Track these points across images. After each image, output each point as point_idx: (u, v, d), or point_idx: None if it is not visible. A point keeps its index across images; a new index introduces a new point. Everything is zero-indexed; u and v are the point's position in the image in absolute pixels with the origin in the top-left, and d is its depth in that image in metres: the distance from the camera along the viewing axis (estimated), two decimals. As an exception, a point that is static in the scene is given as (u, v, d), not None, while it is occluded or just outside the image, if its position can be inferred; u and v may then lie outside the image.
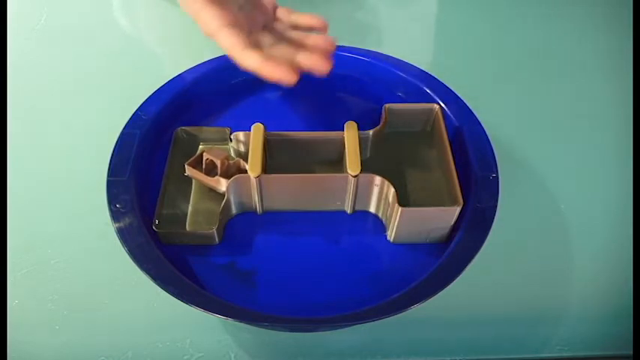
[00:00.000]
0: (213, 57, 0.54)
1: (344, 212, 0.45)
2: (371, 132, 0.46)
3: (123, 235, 0.40)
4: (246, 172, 0.42)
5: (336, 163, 0.46)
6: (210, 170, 0.44)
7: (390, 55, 0.55)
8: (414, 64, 0.54)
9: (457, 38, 0.66)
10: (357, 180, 0.42)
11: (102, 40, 0.64)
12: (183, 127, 0.48)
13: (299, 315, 0.39)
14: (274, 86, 0.54)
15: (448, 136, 0.45)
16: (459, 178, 0.42)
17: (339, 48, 0.55)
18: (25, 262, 0.44)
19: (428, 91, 0.51)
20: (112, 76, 0.60)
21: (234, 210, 0.45)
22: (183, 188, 0.45)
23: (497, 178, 0.44)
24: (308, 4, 0.66)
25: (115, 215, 0.41)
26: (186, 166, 0.44)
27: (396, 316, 0.37)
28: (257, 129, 0.44)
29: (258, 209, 0.45)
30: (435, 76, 0.52)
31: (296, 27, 0.48)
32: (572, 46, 0.65)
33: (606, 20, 0.68)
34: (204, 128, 0.49)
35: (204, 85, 0.53)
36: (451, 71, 0.56)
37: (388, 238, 0.44)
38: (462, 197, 0.40)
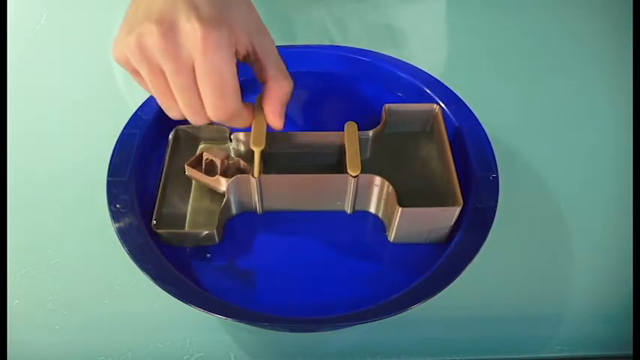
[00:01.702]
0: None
1: (344, 212, 0.45)
2: (371, 132, 0.46)
3: (123, 235, 0.40)
4: (245, 171, 0.42)
5: (336, 163, 0.46)
6: (211, 170, 0.44)
7: (391, 54, 0.55)
8: (414, 64, 0.54)
9: (457, 38, 0.66)
10: (357, 180, 0.42)
11: (102, 40, 0.64)
12: (183, 127, 0.48)
13: (299, 315, 0.39)
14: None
15: (448, 136, 0.45)
16: (459, 178, 0.42)
17: (340, 48, 0.56)
18: (25, 262, 0.44)
19: (428, 91, 0.51)
20: (112, 75, 0.60)
21: (234, 210, 0.45)
22: (183, 188, 0.45)
23: (497, 178, 0.44)
24: (318, 4, 0.66)
25: (115, 215, 0.41)
26: (186, 166, 0.44)
27: (396, 316, 0.37)
28: None
29: (258, 209, 0.45)
30: (435, 76, 0.52)
31: None
32: (572, 46, 0.65)
33: (606, 21, 0.68)
34: (204, 128, 0.49)
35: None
36: (451, 71, 0.56)
37: (388, 238, 0.44)
38: (462, 197, 0.40)
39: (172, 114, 0.38)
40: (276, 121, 0.40)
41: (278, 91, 0.39)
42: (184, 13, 0.34)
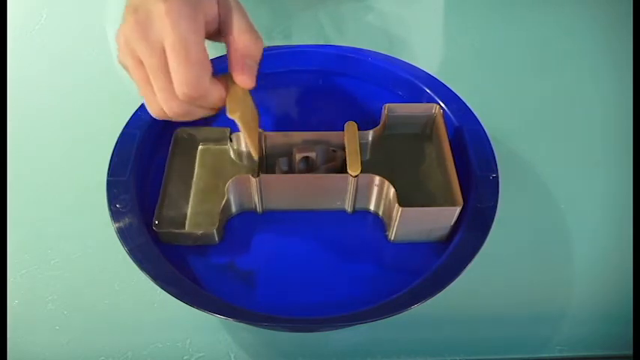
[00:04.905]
0: (213, 57, 0.54)
1: (344, 212, 0.45)
2: (371, 132, 0.46)
3: (123, 235, 0.40)
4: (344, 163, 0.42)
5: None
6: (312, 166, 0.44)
7: (391, 55, 0.55)
8: (414, 64, 0.54)
9: (457, 38, 0.66)
10: (357, 180, 0.42)
11: (102, 40, 0.64)
12: (183, 127, 0.48)
13: (299, 315, 0.39)
14: (274, 86, 0.54)
15: (448, 136, 0.45)
16: (459, 178, 0.42)
17: (340, 47, 0.56)
18: (25, 262, 0.44)
19: (428, 91, 0.51)
20: (112, 75, 0.60)
21: (234, 210, 0.45)
22: (184, 188, 0.46)
23: (497, 178, 0.44)
24: (317, 4, 0.66)
25: (115, 215, 0.41)
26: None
27: (396, 316, 0.37)
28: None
29: (259, 209, 0.45)
30: (435, 76, 0.52)
31: None
32: (572, 46, 0.65)
33: (607, 21, 0.68)
34: (204, 128, 0.49)
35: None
36: (451, 71, 0.56)
37: (388, 237, 0.44)
38: (462, 197, 0.40)
39: (152, 107, 0.37)
40: (238, 77, 0.37)
41: (238, 44, 0.37)
42: None
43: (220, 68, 0.37)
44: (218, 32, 0.38)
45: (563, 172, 0.51)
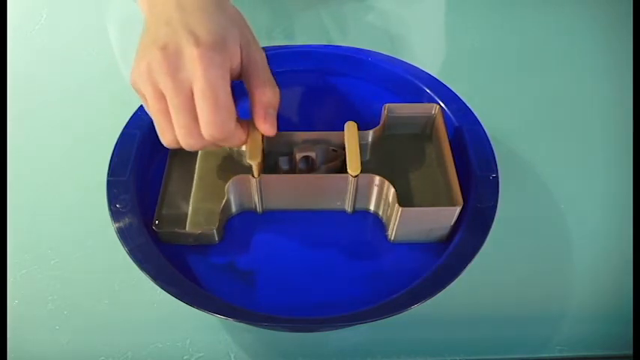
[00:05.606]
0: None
1: (344, 212, 0.45)
2: (371, 132, 0.46)
3: (123, 235, 0.40)
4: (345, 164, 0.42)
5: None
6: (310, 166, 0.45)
7: (391, 54, 0.55)
8: (414, 64, 0.54)
9: (457, 38, 0.66)
10: (357, 180, 0.42)
11: (102, 40, 0.64)
12: (183, 127, 0.48)
13: (299, 315, 0.39)
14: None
15: (448, 136, 0.45)
16: (459, 178, 0.42)
17: (340, 47, 0.56)
18: (25, 262, 0.44)
19: (428, 91, 0.51)
20: (112, 75, 0.60)
21: (234, 209, 0.45)
22: (184, 188, 0.46)
23: (497, 178, 0.44)
24: (318, 4, 0.66)
25: (115, 215, 0.41)
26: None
27: (396, 316, 0.37)
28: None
29: (259, 209, 0.45)
30: (435, 76, 0.52)
31: None
32: (572, 46, 0.65)
33: (607, 21, 0.68)
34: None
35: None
36: (451, 71, 0.56)
37: (388, 237, 0.44)
38: (462, 197, 0.40)
39: (166, 138, 0.39)
40: (261, 126, 0.41)
41: (262, 96, 0.40)
42: (184, 39, 0.37)
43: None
44: (238, 76, 0.41)
45: (563, 172, 0.51)
